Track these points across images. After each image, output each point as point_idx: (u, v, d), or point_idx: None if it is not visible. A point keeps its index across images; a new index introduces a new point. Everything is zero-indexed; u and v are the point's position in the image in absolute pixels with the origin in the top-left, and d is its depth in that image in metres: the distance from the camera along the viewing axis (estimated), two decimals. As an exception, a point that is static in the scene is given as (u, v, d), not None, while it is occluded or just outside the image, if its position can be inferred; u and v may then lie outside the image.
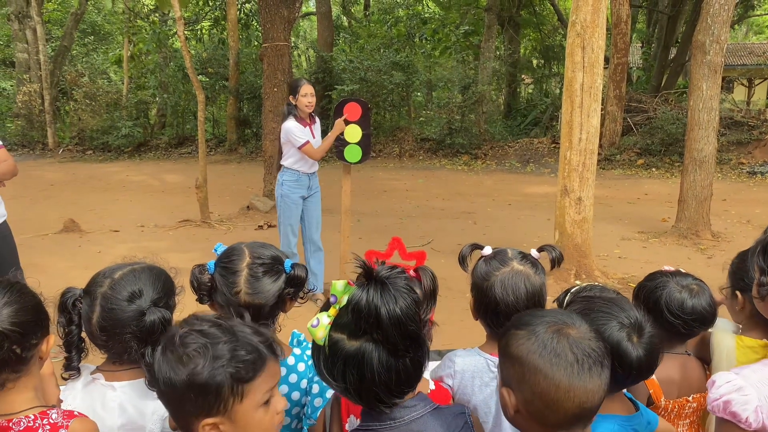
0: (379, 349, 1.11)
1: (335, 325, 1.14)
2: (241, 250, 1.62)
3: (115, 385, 1.47)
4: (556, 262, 1.71)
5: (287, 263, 1.63)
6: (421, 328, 1.17)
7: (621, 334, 1.33)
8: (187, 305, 1.66)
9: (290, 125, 5.04)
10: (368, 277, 1.12)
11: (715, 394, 1.29)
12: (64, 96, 20.33)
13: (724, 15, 7.38)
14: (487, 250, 1.68)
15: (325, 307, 1.17)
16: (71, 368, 1.48)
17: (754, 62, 23.98)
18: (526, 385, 1.11)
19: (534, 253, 1.69)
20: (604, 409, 1.20)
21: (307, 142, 5.03)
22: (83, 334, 1.49)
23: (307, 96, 5.06)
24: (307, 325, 1.16)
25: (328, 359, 1.15)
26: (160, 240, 7.88)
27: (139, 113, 19.68)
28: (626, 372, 1.31)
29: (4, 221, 3.80)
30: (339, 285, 1.14)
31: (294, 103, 5.07)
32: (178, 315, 1.58)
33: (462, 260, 1.70)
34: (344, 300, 1.13)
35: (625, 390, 1.49)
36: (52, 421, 1.28)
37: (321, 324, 1.14)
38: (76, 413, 1.32)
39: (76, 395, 1.47)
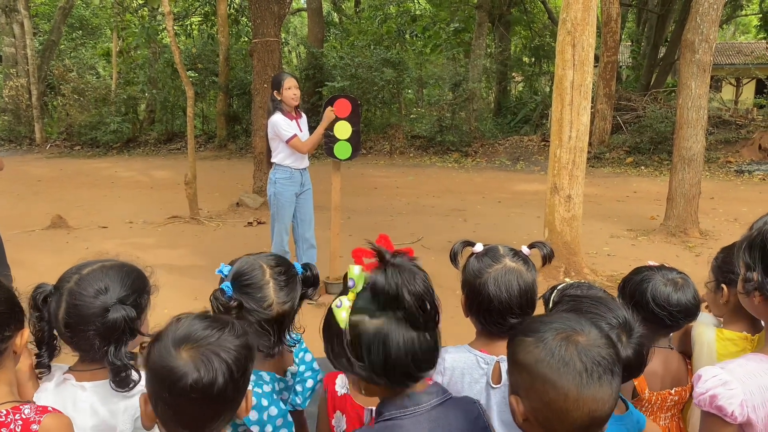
0: (401, 325, 1.13)
1: (354, 309, 1.15)
2: (255, 264, 1.59)
3: (86, 386, 1.45)
4: (547, 258, 1.71)
5: (297, 265, 1.64)
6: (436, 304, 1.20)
7: (610, 333, 1.33)
8: (161, 304, 1.64)
9: (276, 119, 5.01)
10: (381, 260, 1.14)
11: (701, 389, 1.30)
12: (51, 91, 20.15)
13: (713, 14, 7.42)
14: (479, 247, 1.66)
15: (344, 291, 1.19)
16: (41, 365, 1.46)
17: (742, 62, 24.16)
18: (535, 394, 1.10)
19: (525, 249, 1.68)
20: None
21: (295, 135, 5.00)
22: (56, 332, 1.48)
23: (291, 89, 5.03)
24: (332, 305, 1.18)
25: (351, 342, 1.15)
26: (149, 236, 7.83)
27: (128, 109, 19.54)
28: None
29: None
30: (356, 270, 1.16)
31: (279, 97, 5.05)
32: (151, 315, 1.55)
33: (453, 257, 1.69)
34: (360, 285, 1.15)
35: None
36: (24, 416, 1.25)
37: (344, 305, 1.16)
38: (49, 408, 1.30)
39: (48, 396, 1.45)
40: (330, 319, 1.19)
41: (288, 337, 1.61)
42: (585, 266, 6.12)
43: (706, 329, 1.90)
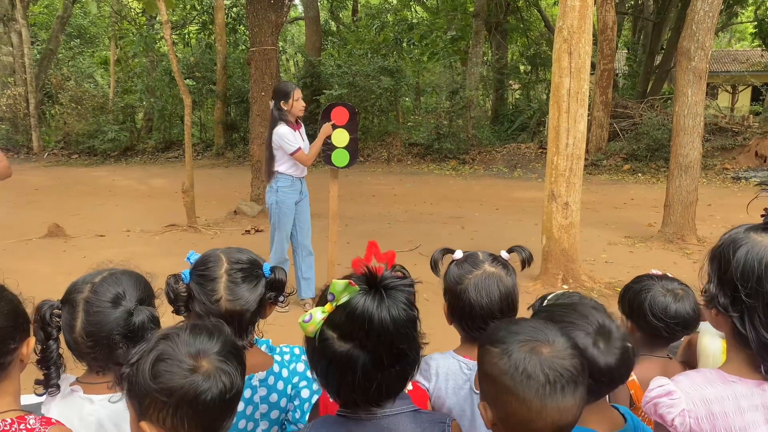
0: (365, 358, 1.11)
1: (329, 322, 1.13)
2: (217, 257, 1.57)
3: (94, 399, 1.42)
4: (526, 262, 1.73)
5: (266, 267, 1.59)
6: (415, 343, 1.17)
7: (587, 340, 1.30)
8: (167, 310, 1.64)
9: (283, 131, 5.02)
10: (370, 283, 1.11)
11: (647, 397, 1.31)
12: (49, 99, 20.17)
13: (708, 22, 7.46)
14: (458, 254, 1.69)
15: (321, 303, 1.16)
16: (51, 386, 1.42)
17: (737, 69, 24.29)
18: (500, 403, 1.12)
19: (504, 254, 1.70)
20: (581, 422, 1.18)
21: (299, 148, 5.03)
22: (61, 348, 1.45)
23: (299, 100, 5.07)
24: (299, 320, 1.14)
25: (316, 353, 1.15)
26: (146, 245, 7.81)
27: (126, 117, 19.56)
28: (596, 380, 1.26)
29: None
30: (339, 285, 1.11)
31: (286, 108, 5.05)
32: (161, 320, 1.56)
33: (434, 265, 1.71)
34: (342, 299, 1.11)
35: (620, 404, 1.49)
36: (29, 426, 1.25)
37: (314, 320, 1.13)
38: (53, 420, 1.29)
39: (53, 407, 1.43)
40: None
41: (244, 339, 1.55)
42: (583, 273, 6.12)
43: (711, 340, 1.86)
